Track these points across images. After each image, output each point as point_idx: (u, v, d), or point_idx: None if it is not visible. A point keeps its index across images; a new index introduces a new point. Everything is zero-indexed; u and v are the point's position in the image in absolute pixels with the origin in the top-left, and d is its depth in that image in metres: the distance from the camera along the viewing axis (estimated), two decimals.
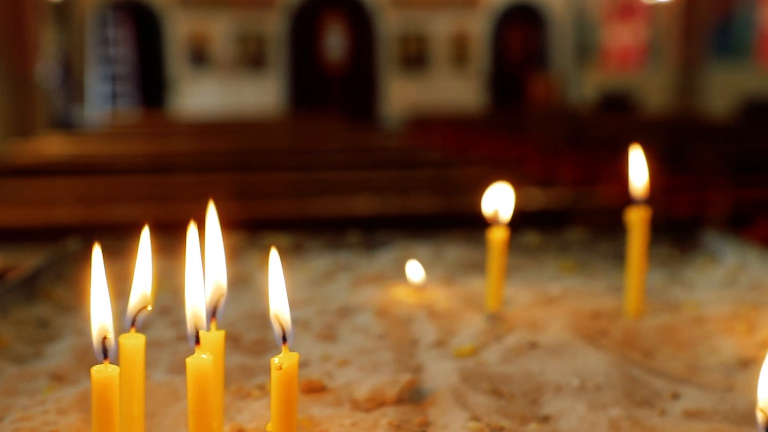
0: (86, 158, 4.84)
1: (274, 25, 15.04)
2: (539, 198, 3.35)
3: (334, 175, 4.09)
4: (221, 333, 0.75)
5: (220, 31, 14.87)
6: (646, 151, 1.27)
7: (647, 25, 13.12)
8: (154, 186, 3.76)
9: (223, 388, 0.79)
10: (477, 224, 1.70)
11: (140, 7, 14.70)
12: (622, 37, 13.97)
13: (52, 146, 5.99)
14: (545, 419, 0.91)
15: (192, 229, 0.72)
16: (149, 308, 0.72)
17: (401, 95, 15.15)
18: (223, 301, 0.75)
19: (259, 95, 14.91)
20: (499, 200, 1.22)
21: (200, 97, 14.66)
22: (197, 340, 0.68)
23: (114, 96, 14.77)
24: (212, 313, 0.75)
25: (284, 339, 0.68)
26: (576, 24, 15.38)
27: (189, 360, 0.67)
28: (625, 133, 7.50)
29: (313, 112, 11.66)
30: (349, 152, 5.24)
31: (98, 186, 3.75)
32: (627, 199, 1.26)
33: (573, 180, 6.42)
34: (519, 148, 7.90)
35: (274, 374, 0.67)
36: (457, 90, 15.36)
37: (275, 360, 0.67)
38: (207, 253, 0.75)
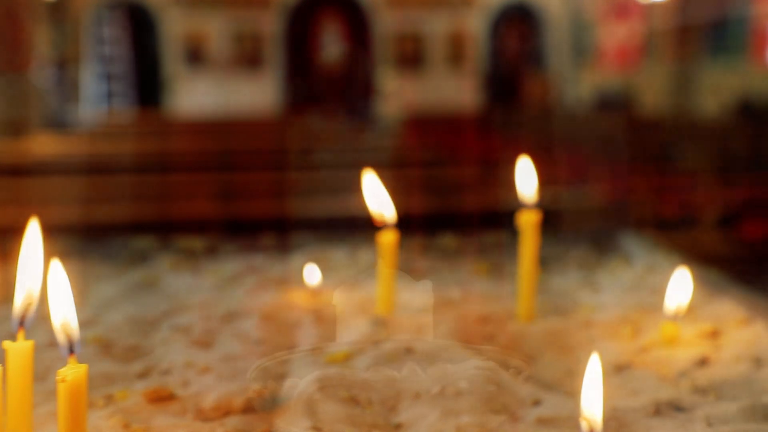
0: (81, 158, 4.82)
1: (271, 24, 15.02)
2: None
3: (328, 174, 4.07)
4: (29, 343, 0.74)
5: (216, 30, 14.85)
6: (640, 152, 1.27)
7: (643, 24, 13.07)
8: (148, 186, 3.74)
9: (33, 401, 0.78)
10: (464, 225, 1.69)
11: (136, 6, 14.69)
12: (618, 36, 13.93)
13: (46, 145, 5.98)
14: (396, 427, 0.90)
15: None
16: None
17: (397, 95, 15.11)
18: (31, 310, 0.74)
19: (256, 94, 14.88)
20: (377, 201, 1.20)
21: (196, 96, 14.63)
22: None
23: (109, 95, 14.75)
24: (20, 323, 0.73)
25: (70, 350, 0.67)
26: (572, 24, 15.34)
27: None
28: (620, 132, 7.47)
29: (309, 112, 11.63)
30: (343, 152, 5.21)
31: (93, 186, 3.73)
32: (620, 200, 1.25)
33: (567, 179, 6.38)
34: (514, 148, 7.89)
35: (59, 387, 0.66)
36: (453, 89, 15.31)
37: (59, 372, 0.66)
38: (22, 262, 0.74)
